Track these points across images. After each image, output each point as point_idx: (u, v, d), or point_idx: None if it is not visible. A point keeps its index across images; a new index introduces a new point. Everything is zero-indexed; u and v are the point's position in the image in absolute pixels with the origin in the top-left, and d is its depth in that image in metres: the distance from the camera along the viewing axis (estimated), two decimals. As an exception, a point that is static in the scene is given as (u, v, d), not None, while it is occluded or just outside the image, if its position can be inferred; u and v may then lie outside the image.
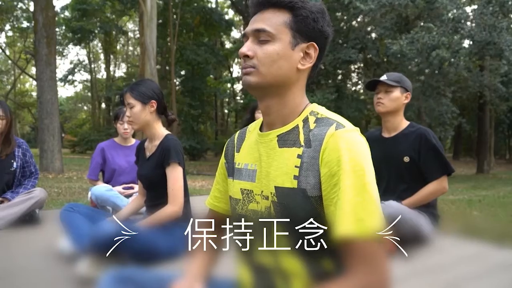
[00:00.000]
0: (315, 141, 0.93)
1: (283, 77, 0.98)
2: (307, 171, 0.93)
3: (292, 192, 0.94)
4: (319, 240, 0.93)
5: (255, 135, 1.10)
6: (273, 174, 0.99)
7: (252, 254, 1.04)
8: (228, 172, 1.18)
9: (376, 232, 0.84)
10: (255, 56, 0.97)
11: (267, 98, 1.01)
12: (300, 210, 0.93)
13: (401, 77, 2.42)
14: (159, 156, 2.13)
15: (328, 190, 0.89)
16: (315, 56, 1.00)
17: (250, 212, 1.05)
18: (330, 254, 0.94)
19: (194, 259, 1.14)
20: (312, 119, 0.99)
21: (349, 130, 0.92)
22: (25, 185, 3.26)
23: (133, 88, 2.15)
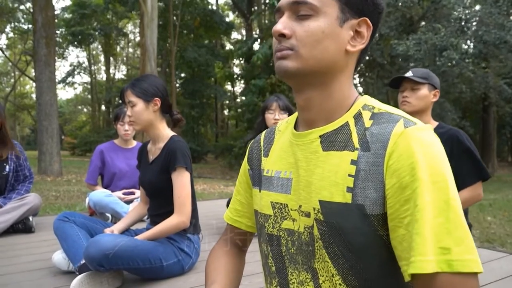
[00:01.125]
0: (375, 143, 0.72)
1: (329, 61, 0.76)
2: (365, 181, 0.71)
3: (345, 208, 0.72)
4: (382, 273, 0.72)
5: (288, 136, 0.89)
6: (317, 184, 0.77)
7: (288, 286, 0.83)
8: (253, 181, 0.97)
9: (467, 267, 0.62)
10: (294, 35, 0.76)
11: (307, 88, 0.79)
12: (356, 232, 0.71)
13: (428, 73, 2.20)
14: (164, 160, 1.91)
15: (396, 207, 0.67)
16: (368, 36, 0.79)
17: (284, 232, 0.83)
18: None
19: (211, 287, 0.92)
20: (367, 115, 0.77)
21: (422, 128, 0.70)
22: (18, 190, 3.04)
23: (135, 84, 1.93)
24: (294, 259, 0.81)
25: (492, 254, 2.27)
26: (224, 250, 1.02)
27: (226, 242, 1.05)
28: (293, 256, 0.82)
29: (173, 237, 1.91)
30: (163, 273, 1.84)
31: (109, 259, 1.61)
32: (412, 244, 0.64)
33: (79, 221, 1.97)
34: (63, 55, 30.72)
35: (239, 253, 1.04)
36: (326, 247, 0.75)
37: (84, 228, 1.96)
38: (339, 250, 0.73)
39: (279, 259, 0.85)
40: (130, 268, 1.73)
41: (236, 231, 1.03)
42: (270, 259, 0.87)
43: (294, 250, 0.81)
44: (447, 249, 0.62)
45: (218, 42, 27.87)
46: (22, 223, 2.92)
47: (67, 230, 1.89)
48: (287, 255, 0.83)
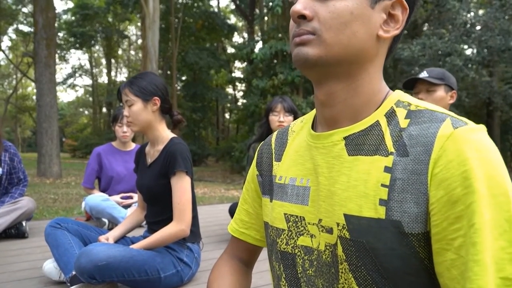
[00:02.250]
0: (415, 147, 0.59)
1: (357, 48, 0.64)
2: (403, 193, 0.58)
3: (377, 225, 0.60)
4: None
5: (304, 137, 0.77)
6: (341, 195, 0.64)
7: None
8: (262, 189, 0.84)
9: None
10: (316, 16, 0.64)
11: (330, 80, 0.67)
12: (391, 255, 0.59)
13: (444, 73, 2.08)
14: (163, 164, 1.79)
15: (444, 226, 0.55)
16: (403, 20, 0.67)
17: (301, 249, 0.71)
18: None
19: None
20: (402, 113, 0.65)
21: (475, 129, 0.58)
22: (12, 194, 2.92)
23: (133, 82, 1.81)
24: (313, 283, 0.69)
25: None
26: (228, 266, 0.89)
27: (231, 256, 0.92)
28: (311, 279, 0.69)
29: (172, 247, 1.79)
30: (161, 285, 1.71)
31: (101, 270, 1.48)
32: (468, 273, 0.51)
33: (72, 228, 1.85)
34: (65, 58, 30.68)
35: (245, 269, 0.92)
36: (353, 270, 0.62)
37: (77, 236, 1.84)
38: (369, 275, 0.61)
39: (294, 281, 0.72)
40: (125, 280, 1.60)
41: (242, 245, 0.91)
42: (283, 281, 0.75)
43: (312, 271, 0.69)
44: (510, 280, 0.50)
45: (219, 45, 27.82)
46: (15, 228, 2.80)
47: (59, 238, 1.77)
48: (303, 277, 0.71)
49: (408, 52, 10.69)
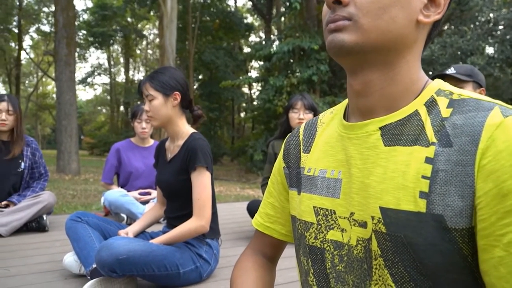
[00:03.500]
0: (460, 136, 0.56)
1: (396, 34, 0.61)
2: (446, 185, 0.55)
3: (417, 219, 0.56)
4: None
5: (336, 128, 0.74)
6: (377, 188, 0.61)
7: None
8: (289, 182, 0.82)
9: None
10: (353, 1, 0.60)
11: (367, 69, 0.64)
12: (431, 250, 0.55)
13: (473, 69, 2.01)
14: (183, 159, 1.78)
15: (492, 221, 0.51)
16: (445, 4, 0.64)
17: (330, 244, 0.68)
18: None
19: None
20: (444, 102, 0.61)
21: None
22: (33, 188, 2.96)
23: (154, 77, 1.80)
24: (343, 279, 0.66)
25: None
26: (252, 262, 0.87)
27: (254, 251, 0.90)
28: (340, 275, 0.66)
29: (191, 242, 1.77)
30: (180, 280, 1.70)
31: (122, 264, 1.48)
32: None
33: (93, 221, 1.85)
34: (84, 57, 31.15)
35: (269, 265, 0.89)
36: (389, 267, 0.59)
37: (97, 229, 1.84)
38: (407, 272, 0.58)
39: (323, 277, 0.70)
40: (144, 275, 1.59)
41: (267, 240, 0.88)
42: (311, 276, 0.72)
43: (342, 267, 0.66)
44: None
45: (236, 44, 27.86)
46: (36, 222, 2.83)
47: (80, 231, 1.77)
48: (332, 272, 0.68)
49: (428, 51, 10.52)
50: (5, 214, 2.69)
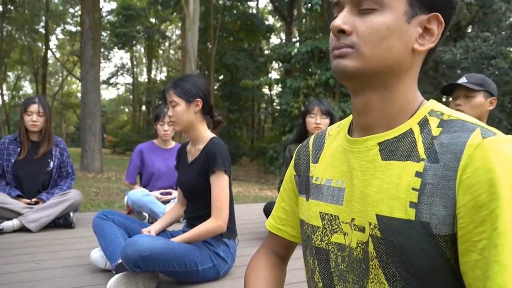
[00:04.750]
0: (446, 154, 0.63)
1: (393, 61, 0.69)
2: (432, 196, 0.63)
3: (407, 226, 0.64)
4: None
5: (341, 141, 0.82)
6: (374, 197, 0.69)
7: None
8: (299, 189, 0.90)
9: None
10: (355, 31, 0.69)
11: (367, 91, 0.72)
12: (419, 254, 0.63)
13: (484, 79, 2.05)
14: (203, 162, 1.88)
15: (470, 229, 0.59)
16: (438, 33, 0.71)
17: (334, 246, 0.76)
18: None
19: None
20: (435, 122, 0.69)
21: (504, 140, 0.61)
22: (61, 186, 3.12)
23: (177, 84, 1.91)
24: (344, 277, 0.74)
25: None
26: (265, 260, 0.96)
27: (267, 251, 0.99)
28: (342, 274, 0.75)
29: (209, 241, 1.88)
30: (198, 277, 1.80)
31: (145, 260, 1.59)
32: (489, 272, 0.55)
33: (118, 220, 1.97)
34: (108, 57, 31.80)
35: (281, 263, 0.98)
36: (383, 267, 0.67)
37: (122, 227, 1.96)
38: (398, 272, 0.66)
39: (327, 275, 0.78)
40: (165, 271, 1.70)
41: (279, 240, 0.97)
42: (317, 275, 0.80)
43: (344, 267, 0.74)
44: None
45: (257, 46, 27.99)
46: (63, 218, 2.98)
47: (106, 228, 1.90)
48: (336, 271, 0.76)
49: (450, 55, 10.40)
50: (35, 210, 2.85)
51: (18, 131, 3.03)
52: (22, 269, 2.00)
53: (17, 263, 2.09)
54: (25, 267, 2.04)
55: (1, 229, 2.72)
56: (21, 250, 2.36)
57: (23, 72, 32.73)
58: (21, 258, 2.19)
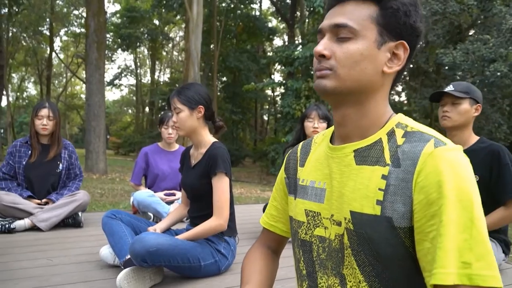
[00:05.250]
0: (406, 160, 0.76)
1: (365, 82, 0.82)
2: (394, 195, 0.76)
3: (374, 220, 0.77)
4: (407, 282, 0.77)
5: (324, 148, 0.95)
6: (349, 196, 0.82)
7: (317, 286, 0.88)
8: (289, 189, 1.03)
9: (486, 281, 0.66)
10: (333, 56, 0.81)
11: (344, 106, 0.85)
12: (384, 243, 0.76)
13: (469, 87, 2.18)
14: (205, 165, 2.01)
15: (423, 222, 0.72)
16: (404, 58, 0.84)
17: (316, 238, 0.89)
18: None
19: (246, 287, 0.99)
20: (400, 133, 0.82)
21: (451, 149, 0.74)
22: (69, 187, 3.25)
23: (181, 92, 2.04)
24: (324, 265, 0.87)
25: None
26: (259, 253, 1.09)
27: (261, 245, 1.11)
28: (323, 262, 0.87)
29: (211, 239, 2.01)
30: (201, 272, 1.93)
31: (152, 255, 1.72)
32: (436, 257, 0.68)
33: (125, 219, 2.11)
34: (112, 58, 32.03)
35: (273, 256, 1.11)
36: (355, 255, 0.80)
37: (129, 226, 2.09)
38: (367, 259, 0.78)
39: (310, 263, 0.91)
40: (170, 266, 1.83)
41: (271, 235, 1.10)
42: (302, 263, 0.93)
43: (324, 256, 0.87)
44: (468, 264, 0.66)
45: (260, 47, 28.13)
46: (72, 218, 3.12)
47: (114, 227, 2.03)
48: (317, 260, 0.89)
49: (450, 57, 10.51)
50: (45, 210, 2.99)
51: (29, 134, 3.18)
52: (36, 265, 2.13)
53: (30, 260, 2.23)
54: (38, 263, 2.18)
55: (14, 228, 2.86)
56: (33, 247, 2.50)
57: (27, 73, 33.01)
58: (34, 255, 2.33)
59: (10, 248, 2.45)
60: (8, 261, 2.19)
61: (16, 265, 2.13)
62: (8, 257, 2.26)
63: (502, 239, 2.15)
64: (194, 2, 12.94)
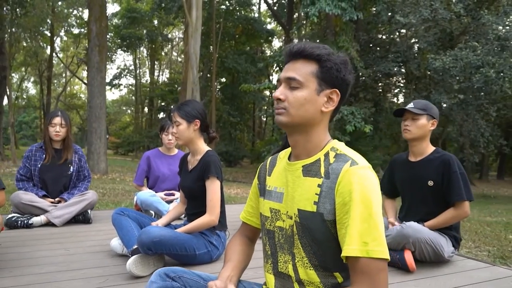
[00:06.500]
0: (333, 174, 1.13)
1: (309, 118, 1.18)
2: (324, 198, 1.12)
3: (312, 215, 1.14)
4: (333, 256, 1.13)
5: (284, 163, 1.31)
6: (297, 198, 1.19)
7: (278, 264, 1.25)
8: (260, 192, 1.39)
9: (377, 254, 1.02)
10: (286, 99, 1.18)
11: (295, 134, 1.21)
12: (318, 230, 1.13)
13: (427, 105, 2.54)
14: (200, 170, 2.38)
15: (340, 216, 1.08)
16: (337, 101, 1.19)
17: (277, 228, 1.26)
18: (340, 269, 1.14)
19: (227, 264, 1.35)
20: (332, 154, 1.18)
21: (361, 167, 1.10)
22: (79, 187, 3.61)
23: (180, 108, 2.41)
24: (282, 246, 1.24)
25: (477, 265, 2.58)
26: (239, 240, 1.45)
27: (240, 234, 1.48)
28: (281, 245, 1.24)
29: (205, 232, 2.37)
30: (196, 260, 2.30)
31: (155, 244, 2.09)
32: (346, 239, 1.05)
33: (132, 215, 2.47)
34: (111, 59, 32.34)
35: (249, 243, 1.47)
36: (300, 239, 1.17)
37: (135, 221, 2.46)
38: (307, 241, 1.15)
39: (273, 246, 1.27)
40: (170, 254, 2.20)
41: (248, 227, 1.46)
42: (267, 246, 1.30)
43: (282, 240, 1.24)
44: (366, 243, 1.03)
45: (259, 49, 28.48)
46: (82, 215, 3.48)
47: (123, 222, 2.40)
48: (278, 243, 1.26)
49: (440, 62, 10.91)
50: (58, 208, 3.35)
51: (43, 140, 3.53)
52: (55, 254, 2.50)
53: (50, 250, 2.59)
54: (57, 252, 2.54)
55: (31, 224, 3.22)
56: (51, 240, 2.87)
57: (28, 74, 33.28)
58: (52, 246, 2.70)
59: (30, 241, 2.81)
60: (31, 251, 2.56)
61: (38, 254, 2.50)
62: (30, 248, 2.62)
63: (452, 235, 2.52)
64: (193, 7, 13.29)
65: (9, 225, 3.19)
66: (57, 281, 2.03)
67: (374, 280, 1.03)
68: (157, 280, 1.27)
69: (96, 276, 2.13)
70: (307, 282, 1.17)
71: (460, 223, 2.64)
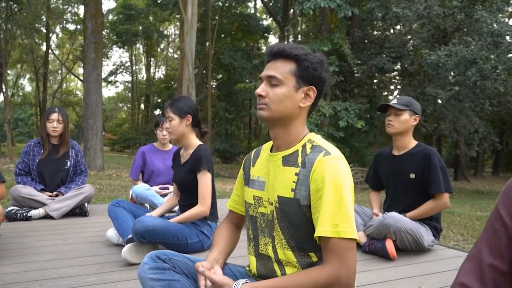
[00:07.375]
0: (308, 164, 1.24)
1: (287, 113, 1.29)
2: (301, 185, 1.24)
3: (290, 201, 1.25)
4: (308, 238, 1.25)
5: (266, 154, 1.42)
6: (277, 186, 1.30)
7: (259, 246, 1.36)
8: (244, 182, 1.51)
9: (347, 234, 1.14)
10: (267, 96, 1.29)
11: (275, 127, 1.33)
12: (295, 215, 1.24)
13: (410, 101, 2.66)
14: (192, 163, 2.49)
15: (315, 201, 1.20)
16: (313, 97, 1.31)
17: (259, 214, 1.37)
18: (315, 249, 1.26)
19: (214, 247, 1.47)
20: (309, 146, 1.29)
21: (334, 157, 1.22)
22: (76, 182, 3.72)
23: (173, 104, 2.52)
24: (263, 230, 1.35)
25: (457, 253, 2.71)
26: (225, 226, 1.56)
27: (227, 221, 1.59)
28: (263, 229, 1.36)
29: (196, 222, 2.49)
30: (187, 249, 2.41)
31: (149, 233, 2.20)
32: (319, 221, 1.17)
33: (127, 207, 2.59)
34: (107, 55, 32.33)
35: (236, 229, 1.59)
36: (279, 223, 1.29)
37: (130, 212, 2.57)
38: (285, 225, 1.27)
39: (255, 230, 1.39)
40: (163, 242, 2.31)
41: (234, 214, 1.58)
42: (250, 231, 1.42)
43: (264, 225, 1.35)
44: (337, 225, 1.15)
45: (254, 45, 28.54)
46: (79, 208, 3.59)
47: (119, 213, 2.51)
48: (260, 228, 1.37)
49: (435, 56, 11.05)
50: (56, 201, 3.46)
51: (41, 135, 3.63)
52: (54, 244, 2.61)
53: (49, 240, 2.71)
54: (56, 242, 2.66)
55: (30, 216, 3.33)
56: (50, 231, 2.98)
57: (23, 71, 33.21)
58: (51, 237, 2.81)
59: (30, 232, 2.92)
60: (30, 241, 2.67)
61: (38, 244, 2.61)
62: (30, 239, 2.73)
63: (433, 225, 2.65)
64: (189, 4, 13.36)
65: (9, 218, 3.29)
66: (56, 268, 2.14)
67: (343, 258, 1.14)
68: (149, 262, 1.38)
69: (93, 263, 2.25)
70: (285, 262, 1.29)
71: (442, 213, 2.76)
